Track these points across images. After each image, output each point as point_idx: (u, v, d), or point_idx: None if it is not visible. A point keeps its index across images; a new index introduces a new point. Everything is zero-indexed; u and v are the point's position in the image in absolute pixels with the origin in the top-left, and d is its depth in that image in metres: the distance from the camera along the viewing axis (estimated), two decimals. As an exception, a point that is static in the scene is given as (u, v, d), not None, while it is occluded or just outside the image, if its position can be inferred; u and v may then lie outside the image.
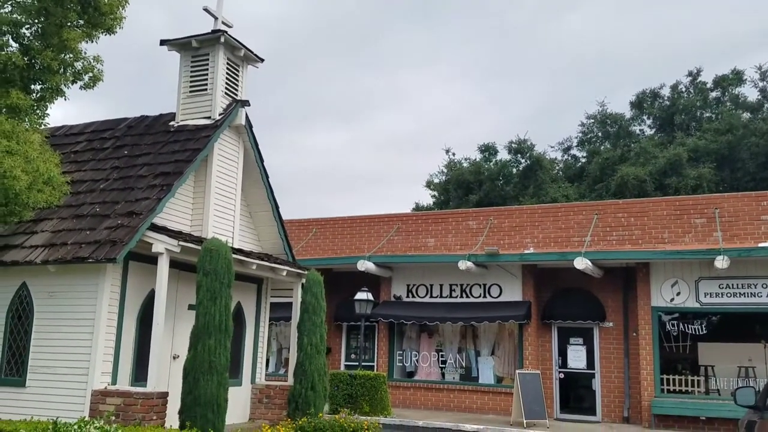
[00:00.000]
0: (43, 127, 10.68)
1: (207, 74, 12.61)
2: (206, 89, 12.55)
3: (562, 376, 18.93)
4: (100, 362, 10.10)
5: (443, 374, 20.22)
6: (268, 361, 22.45)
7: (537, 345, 19.12)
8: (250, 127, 12.87)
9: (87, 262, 10.10)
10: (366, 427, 11.37)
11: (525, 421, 15.98)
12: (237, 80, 13.02)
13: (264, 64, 13.69)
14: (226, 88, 12.70)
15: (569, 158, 36.26)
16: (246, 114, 12.70)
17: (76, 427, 7.89)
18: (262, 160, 13.18)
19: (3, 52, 9.32)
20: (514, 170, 33.21)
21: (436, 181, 37.78)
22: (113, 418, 9.16)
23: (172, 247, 10.28)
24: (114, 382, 10.31)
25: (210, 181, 12.06)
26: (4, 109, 9.35)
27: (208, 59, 12.67)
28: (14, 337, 10.76)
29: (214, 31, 12.56)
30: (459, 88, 69.33)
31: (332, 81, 76.23)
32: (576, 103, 57.08)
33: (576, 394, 19.16)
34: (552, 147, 36.49)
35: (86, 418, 8.78)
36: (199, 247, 10.22)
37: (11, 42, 9.69)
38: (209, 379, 9.52)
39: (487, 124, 60.55)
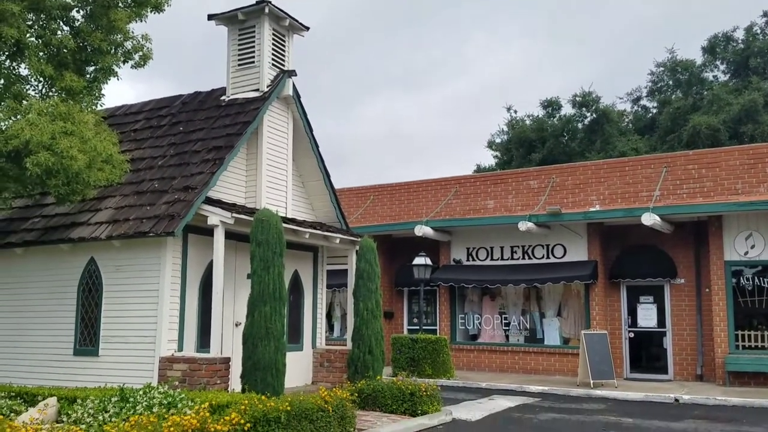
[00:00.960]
0: (100, 107, 11.07)
1: (254, 46, 12.70)
2: (254, 62, 12.65)
3: (631, 335, 18.50)
4: (166, 331, 10.56)
5: (507, 337, 20.13)
6: (333, 326, 22.96)
7: (605, 305, 18.71)
8: (298, 97, 12.92)
9: (148, 237, 10.51)
10: (424, 389, 11.43)
11: (592, 382, 15.77)
12: (283, 51, 13.05)
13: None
14: (273, 59, 12.76)
15: (639, 109, 34.78)
16: (293, 84, 12.75)
17: (141, 392, 8.31)
18: (311, 130, 13.25)
19: (55, 36, 9.66)
20: (580, 125, 32.11)
21: (498, 141, 37.09)
22: (177, 383, 9.59)
23: (227, 219, 10.55)
24: (180, 349, 10.76)
25: (261, 153, 12.24)
26: (60, 92, 9.73)
27: (254, 31, 12.74)
28: (86, 310, 11.37)
29: (258, 2, 12.59)
30: (523, 48, 67.44)
31: (394, 49, 75.63)
32: (645, 52, 54.46)
33: (647, 354, 18.70)
34: (621, 98, 34.94)
35: (152, 384, 9.25)
36: (252, 218, 10.44)
37: (62, 26, 10.03)
38: (267, 345, 9.80)
39: (553, 82, 58.75)
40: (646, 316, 18.32)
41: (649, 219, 16.62)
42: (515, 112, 36.25)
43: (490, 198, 21.15)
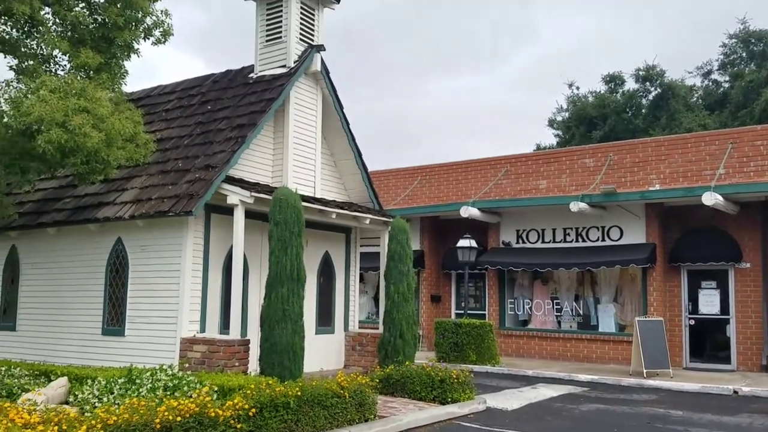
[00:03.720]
0: (123, 85, 10.95)
1: (281, 21, 12.31)
2: (281, 37, 12.27)
3: (692, 322, 17.35)
4: (187, 312, 10.40)
5: (559, 323, 19.27)
6: (378, 311, 22.63)
7: (663, 290, 17.62)
8: (327, 72, 12.47)
9: (167, 216, 10.34)
10: (455, 376, 10.90)
11: (645, 371, 14.85)
12: (312, 25, 12.61)
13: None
14: (301, 34, 12.34)
15: (710, 84, 32.64)
16: (322, 59, 12.29)
17: (148, 374, 8.14)
18: (341, 107, 12.78)
19: (70, 13, 9.53)
20: (644, 101, 30.38)
21: (559, 119, 35.68)
22: (187, 365, 9.42)
23: (246, 198, 10.25)
24: (202, 330, 10.59)
25: (287, 131, 11.87)
26: (78, 70, 9.62)
27: (281, 6, 12.35)
28: (114, 290, 11.37)
29: (285, -25, 12.18)
30: (592, 18, 64.82)
31: (460, 21, 74.32)
32: (716, 24, 51.10)
33: (710, 342, 17.52)
34: (690, 73, 32.87)
35: (174, 365, 9.12)
36: (270, 197, 10.11)
37: (78, 2, 9.89)
38: (284, 327, 9.49)
39: (619, 56, 56.16)
40: (708, 302, 17.12)
41: (711, 198, 15.42)
42: (577, 88, 34.77)
43: (543, 178, 20.23)
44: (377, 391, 10.46)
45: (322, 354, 12.38)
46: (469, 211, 18.79)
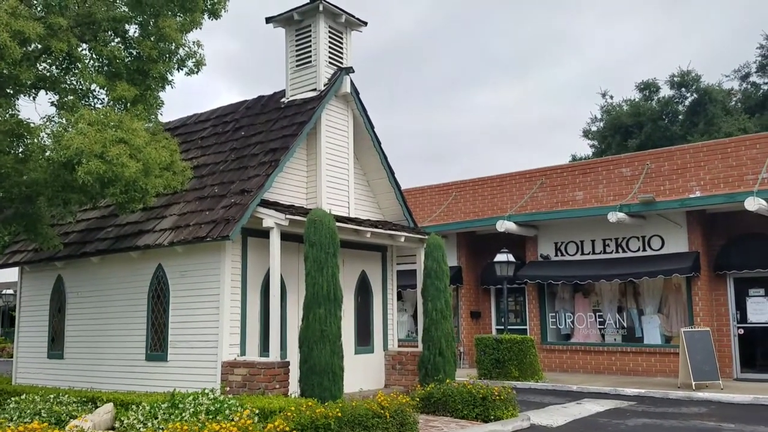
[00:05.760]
0: (160, 115, 11.23)
1: (310, 46, 12.50)
2: (311, 61, 12.45)
3: (741, 332, 16.84)
4: (228, 335, 10.51)
5: (603, 336, 18.90)
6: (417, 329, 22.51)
7: (709, 299, 17.17)
8: (357, 94, 12.58)
9: (205, 241, 10.51)
10: (497, 393, 10.76)
11: (694, 383, 14.44)
12: (341, 48, 12.77)
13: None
14: (330, 58, 12.50)
15: (748, 86, 31.89)
16: (351, 81, 12.42)
17: (190, 398, 8.24)
18: (372, 127, 12.86)
19: (106, 48, 9.84)
20: (680, 107, 29.83)
21: (594, 129, 35.24)
22: (228, 388, 9.49)
23: (281, 221, 10.37)
24: (243, 353, 10.68)
25: (320, 153, 12.00)
26: (114, 102, 9.91)
27: (310, 31, 12.55)
28: (156, 316, 11.57)
29: (312, 0, 12.38)
30: (627, 26, 64.20)
31: (501, 34, 74.48)
32: (754, 25, 50.06)
33: (761, 351, 16.98)
34: (727, 76, 32.17)
35: (215, 389, 9.22)
36: (305, 219, 10.20)
37: (114, 37, 10.21)
38: (322, 348, 9.52)
39: (655, 64, 55.35)
40: (758, 311, 16.61)
41: (754, 204, 15.02)
42: (611, 97, 34.29)
43: (579, 189, 19.98)
44: (418, 410, 10.40)
45: (363, 374, 12.36)
46: (505, 225, 18.65)
